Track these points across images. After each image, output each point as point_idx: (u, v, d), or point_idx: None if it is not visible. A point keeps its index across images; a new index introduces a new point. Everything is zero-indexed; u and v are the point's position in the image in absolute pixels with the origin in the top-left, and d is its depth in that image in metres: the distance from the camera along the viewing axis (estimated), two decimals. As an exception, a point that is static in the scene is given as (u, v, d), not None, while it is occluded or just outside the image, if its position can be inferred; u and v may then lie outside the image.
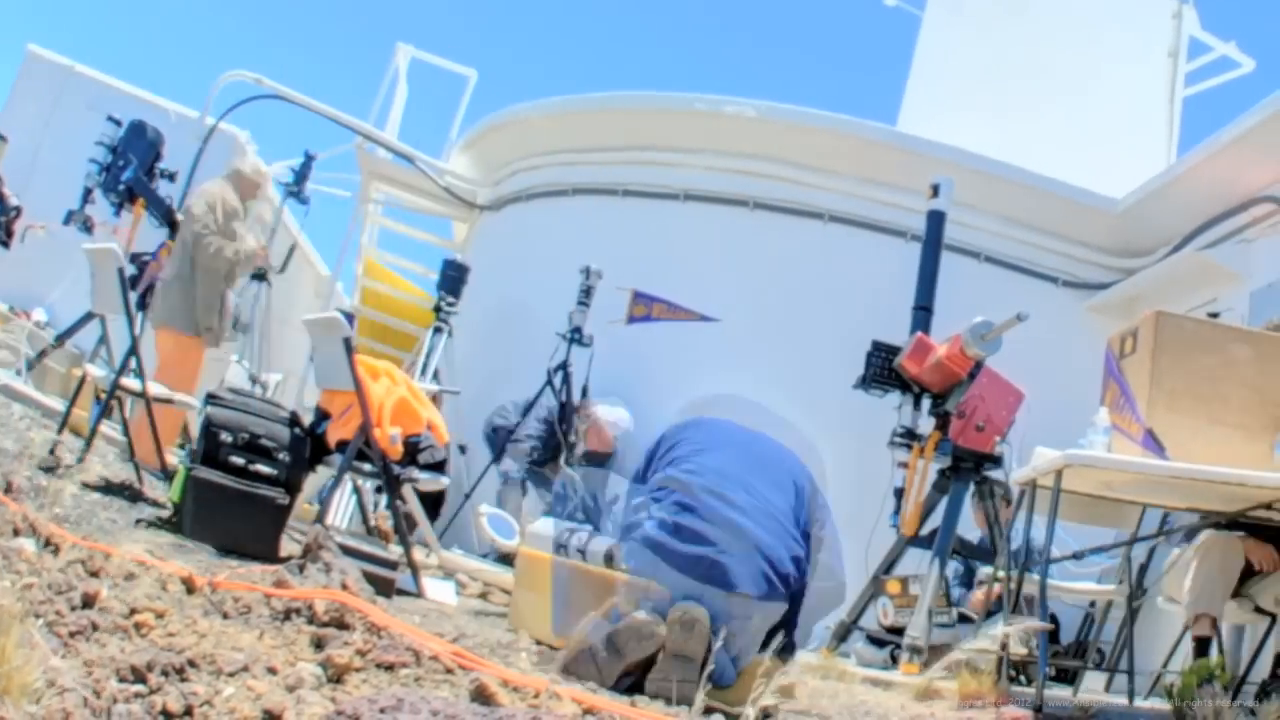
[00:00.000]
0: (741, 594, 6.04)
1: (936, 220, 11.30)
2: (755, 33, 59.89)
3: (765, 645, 6.21)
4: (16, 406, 10.74)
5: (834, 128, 14.06)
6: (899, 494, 10.26)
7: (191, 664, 4.00)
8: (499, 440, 13.15)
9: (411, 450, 9.09)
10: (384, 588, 7.30)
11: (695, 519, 6.19)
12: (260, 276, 13.16)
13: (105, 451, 10.48)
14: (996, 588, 9.28)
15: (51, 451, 9.29)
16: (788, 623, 6.43)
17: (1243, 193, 11.62)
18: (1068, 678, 9.70)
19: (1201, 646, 7.85)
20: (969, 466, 10.10)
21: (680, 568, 6.03)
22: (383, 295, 18.11)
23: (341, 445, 8.87)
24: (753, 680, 5.95)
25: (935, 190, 11.32)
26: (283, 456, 8.57)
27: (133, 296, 10.06)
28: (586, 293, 13.02)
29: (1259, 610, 8.12)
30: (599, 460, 12.68)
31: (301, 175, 13.64)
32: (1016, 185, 13.74)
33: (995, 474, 10.20)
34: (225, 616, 4.85)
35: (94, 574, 5.22)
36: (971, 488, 10.24)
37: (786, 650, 6.27)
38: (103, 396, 9.82)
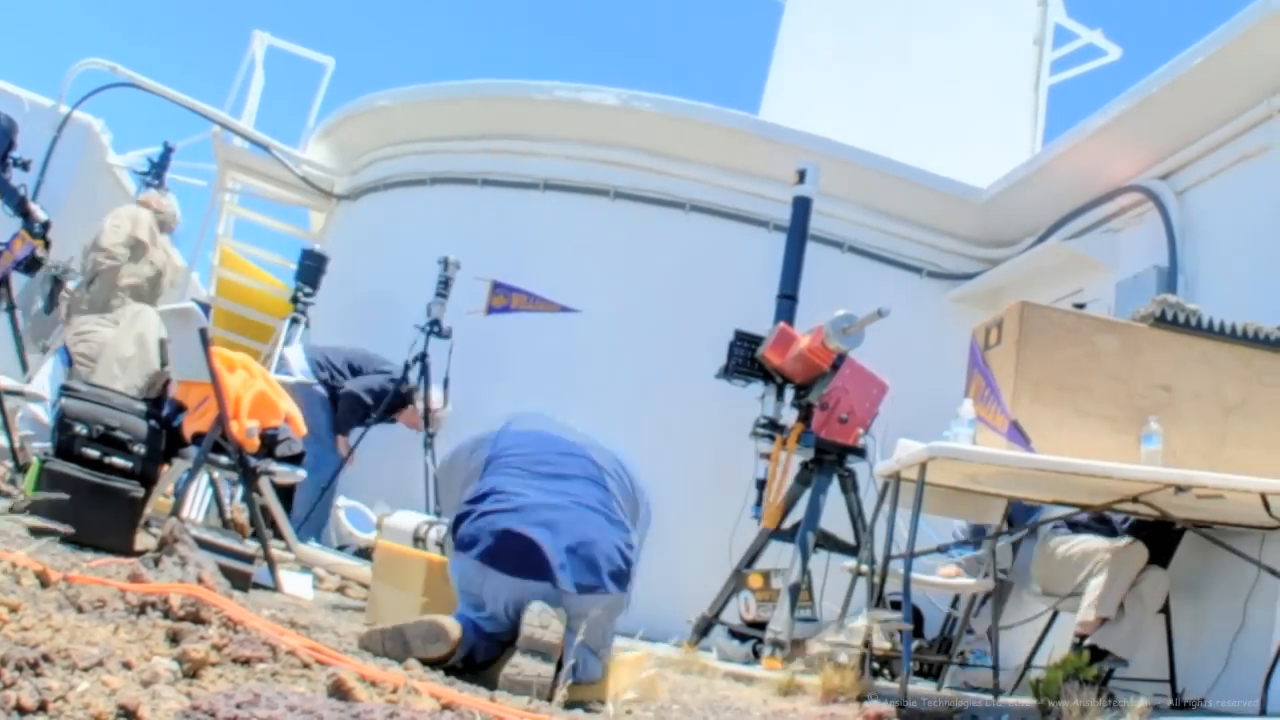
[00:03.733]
0: (570, 590, 5.92)
1: (802, 206, 11.32)
2: (617, 21, 60.00)
3: None
4: None
5: (696, 116, 14.03)
6: (761, 486, 10.25)
7: (46, 659, 3.88)
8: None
9: (269, 443, 8.98)
10: (240, 582, 7.19)
11: (518, 520, 6.05)
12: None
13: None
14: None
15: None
16: None
17: (1108, 182, 11.72)
18: (932, 672, 9.75)
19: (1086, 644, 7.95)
20: (832, 459, 10.10)
21: (508, 570, 5.90)
22: (239, 286, 17.87)
23: (198, 438, 8.73)
24: (613, 675, 5.90)
25: (801, 176, 11.35)
26: (138, 449, 8.40)
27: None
28: (445, 284, 12.89)
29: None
30: None
31: (161, 166, 13.39)
32: (880, 174, 13.81)
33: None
34: (80, 611, 4.73)
35: (-56, 568, 5.08)
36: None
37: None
38: (-49, 389, 9.63)
